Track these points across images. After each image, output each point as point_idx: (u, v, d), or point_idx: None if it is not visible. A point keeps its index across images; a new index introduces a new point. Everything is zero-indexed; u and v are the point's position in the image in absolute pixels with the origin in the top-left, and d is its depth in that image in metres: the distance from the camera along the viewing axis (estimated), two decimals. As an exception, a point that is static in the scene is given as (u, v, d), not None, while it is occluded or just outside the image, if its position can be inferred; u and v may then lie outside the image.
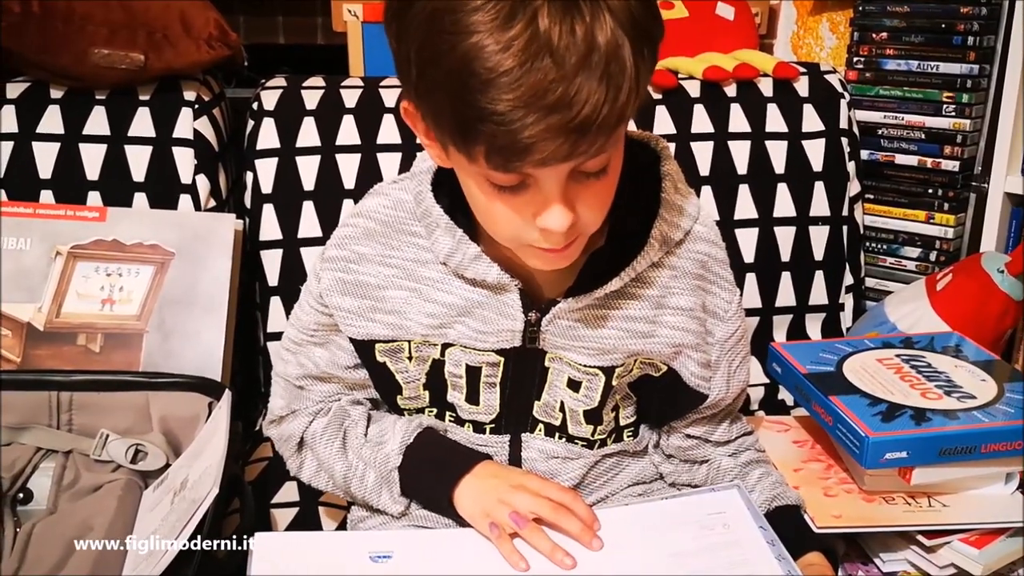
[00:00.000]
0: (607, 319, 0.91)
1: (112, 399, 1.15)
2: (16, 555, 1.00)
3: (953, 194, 1.62)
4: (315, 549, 0.93)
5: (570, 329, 0.91)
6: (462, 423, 0.98)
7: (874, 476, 1.02)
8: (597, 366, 0.93)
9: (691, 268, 0.93)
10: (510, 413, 0.97)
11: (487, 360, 0.93)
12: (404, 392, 0.98)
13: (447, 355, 0.94)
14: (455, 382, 0.96)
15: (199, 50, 1.37)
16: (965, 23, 1.56)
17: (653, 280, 0.92)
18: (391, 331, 0.94)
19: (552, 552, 0.87)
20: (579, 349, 0.92)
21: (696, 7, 1.68)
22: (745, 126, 1.51)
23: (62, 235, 1.29)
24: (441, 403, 0.98)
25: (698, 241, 0.93)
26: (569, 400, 0.95)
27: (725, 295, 0.96)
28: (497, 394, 0.96)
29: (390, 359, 0.96)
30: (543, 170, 0.73)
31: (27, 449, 1.12)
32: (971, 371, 1.13)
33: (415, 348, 0.94)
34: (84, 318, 1.28)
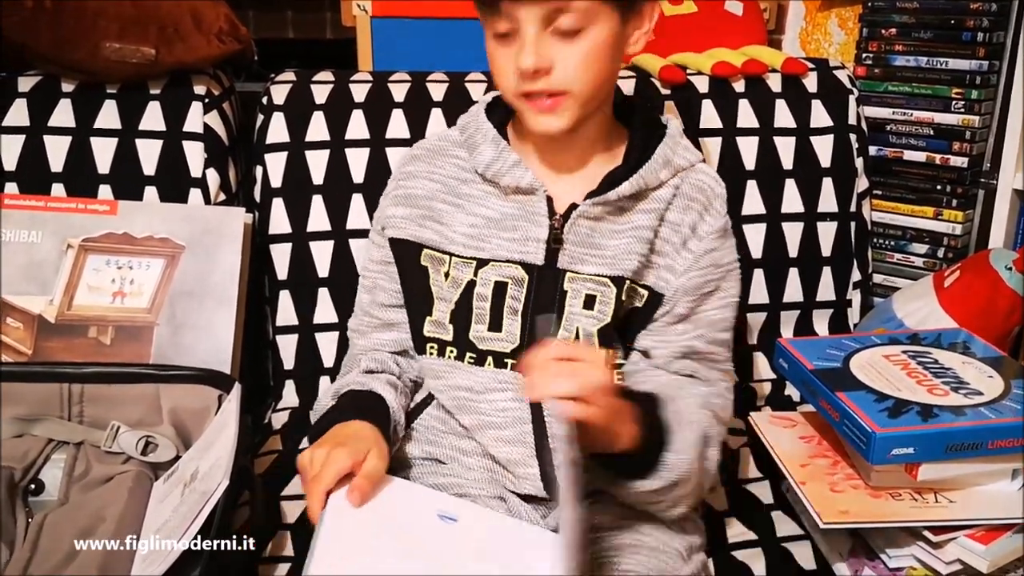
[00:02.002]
0: (618, 229, 1.03)
1: (123, 391, 1.16)
2: (28, 545, 1.00)
3: (961, 190, 1.62)
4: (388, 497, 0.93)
5: (587, 236, 1.02)
6: (483, 360, 1.04)
7: (881, 472, 1.02)
8: (609, 275, 1.02)
9: (691, 192, 1.06)
10: (531, 345, 0.95)
11: (514, 275, 1.03)
12: (433, 313, 1.06)
13: (480, 275, 1.03)
14: (480, 309, 1.03)
15: (210, 45, 1.38)
16: (974, 19, 1.56)
17: (660, 196, 1.04)
18: (438, 237, 1.06)
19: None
20: (594, 259, 1.02)
21: (705, 3, 1.69)
22: (753, 122, 1.51)
23: (73, 228, 1.30)
24: (463, 341, 1.05)
25: (701, 173, 1.08)
26: (584, 321, 1.02)
27: (712, 220, 1.06)
28: (518, 322, 1.03)
29: (431, 266, 1.07)
30: (521, 13, 0.92)
31: (39, 440, 1.13)
32: (978, 367, 1.13)
33: (454, 265, 1.05)
34: (95, 311, 1.28)
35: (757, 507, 1.18)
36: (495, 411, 1.03)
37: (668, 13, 1.66)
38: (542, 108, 0.97)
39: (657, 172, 1.04)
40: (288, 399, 1.43)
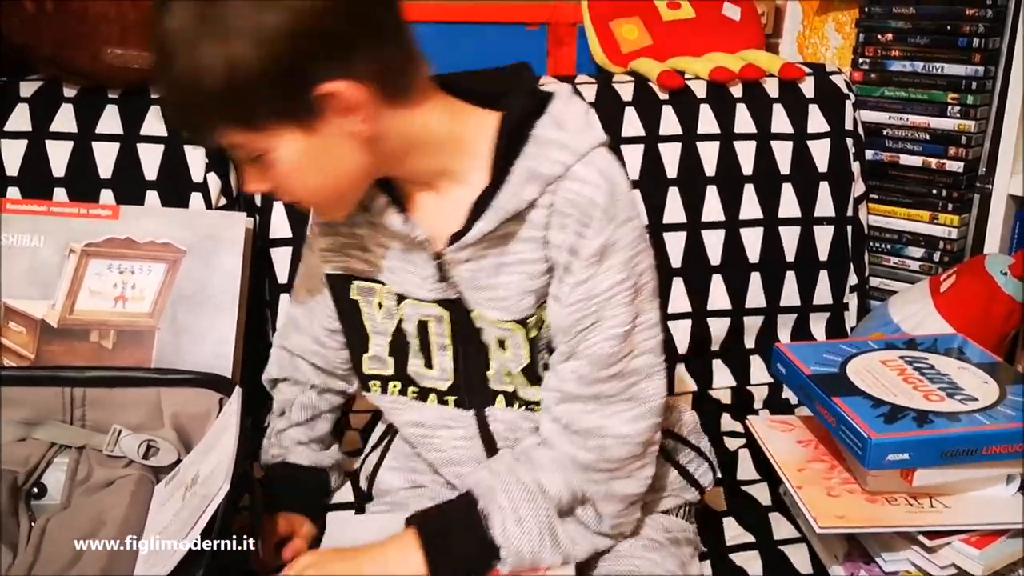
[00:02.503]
0: (504, 266, 0.92)
1: (124, 395, 1.16)
2: (31, 549, 1.01)
3: (957, 195, 1.62)
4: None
5: (473, 279, 0.93)
6: (425, 396, 1.00)
7: (876, 477, 1.03)
8: (509, 320, 0.93)
9: (565, 207, 0.88)
10: (468, 382, 0.98)
11: (432, 314, 0.96)
12: (370, 349, 1.01)
13: (401, 310, 0.97)
14: (413, 344, 0.98)
15: (211, 50, 1.38)
16: (970, 25, 1.57)
17: (536, 221, 0.90)
18: (365, 266, 0.99)
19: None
20: (489, 302, 0.94)
21: (702, 7, 1.69)
22: (751, 126, 1.52)
23: (75, 233, 1.30)
24: (403, 375, 1.01)
25: (575, 180, 0.88)
26: (508, 363, 0.96)
27: (590, 239, 0.88)
28: (450, 357, 0.98)
29: (363, 299, 1.00)
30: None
31: (41, 444, 1.13)
32: (974, 373, 1.14)
33: (385, 296, 0.98)
34: (97, 315, 1.29)
35: (755, 509, 1.19)
36: (450, 447, 1.01)
37: (666, 18, 1.67)
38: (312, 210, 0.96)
39: (519, 193, 0.88)
40: (288, 402, 1.43)
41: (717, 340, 1.52)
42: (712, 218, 1.50)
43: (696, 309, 1.50)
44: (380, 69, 0.83)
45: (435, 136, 0.90)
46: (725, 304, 1.51)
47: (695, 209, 1.49)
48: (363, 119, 0.84)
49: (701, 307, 1.50)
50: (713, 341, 1.52)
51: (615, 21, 1.65)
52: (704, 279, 1.50)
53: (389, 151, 0.88)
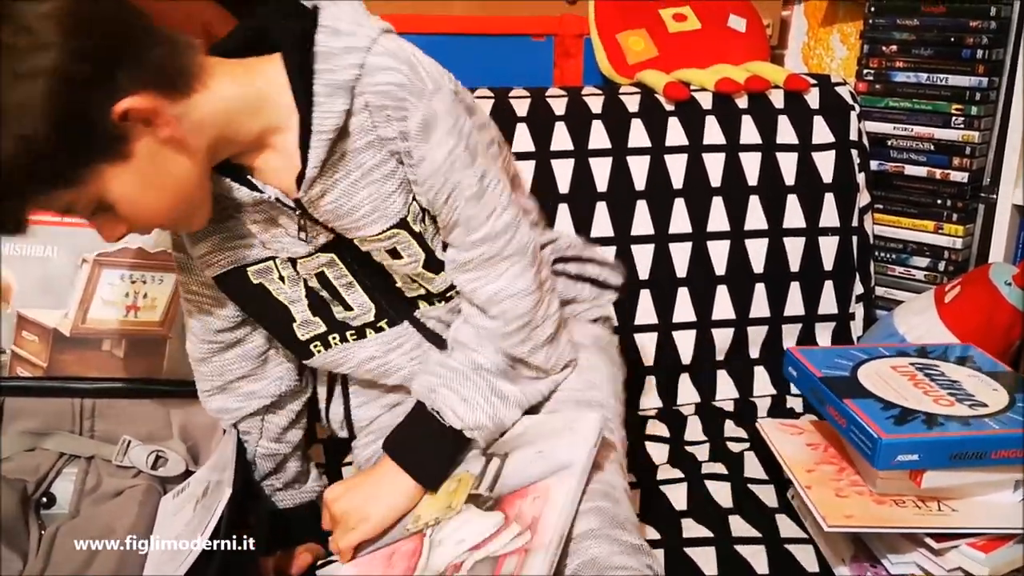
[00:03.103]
0: (357, 182, 0.93)
1: (133, 406, 1.18)
2: (41, 557, 1.02)
3: (962, 205, 1.63)
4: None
5: (337, 209, 0.93)
6: (363, 333, 1.04)
7: (885, 479, 1.03)
8: (388, 228, 0.95)
9: (377, 101, 0.89)
10: (390, 306, 1.03)
11: (321, 262, 0.99)
12: (296, 317, 1.03)
13: (299, 270, 1.00)
14: (325, 296, 1.02)
15: (222, 62, 1.39)
16: (974, 37, 1.58)
17: (361, 125, 0.90)
18: (250, 251, 0.99)
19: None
20: (361, 223, 0.94)
21: (708, 19, 1.70)
22: (756, 137, 1.53)
23: (88, 243, 1.31)
24: (335, 324, 1.04)
25: (375, 72, 0.88)
26: (406, 268, 0.99)
27: (415, 115, 0.89)
28: (359, 291, 1.02)
29: (265, 279, 1.01)
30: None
31: (50, 454, 1.15)
32: (983, 380, 1.15)
33: (281, 265, 1.00)
34: (109, 324, 1.30)
35: (761, 508, 1.19)
36: (407, 363, 1.06)
37: (672, 30, 1.68)
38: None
39: (331, 110, 0.88)
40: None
41: (721, 350, 1.53)
42: (717, 228, 1.51)
43: (701, 319, 1.51)
44: (155, 71, 0.82)
45: (236, 104, 0.88)
46: (730, 314, 1.51)
47: (700, 220, 1.50)
48: (165, 123, 0.82)
49: (706, 317, 1.51)
50: (717, 351, 1.53)
51: (621, 33, 1.66)
52: (709, 289, 1.51)
53: (207, 140, 0.87)
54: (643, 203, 1.48)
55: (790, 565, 1.08)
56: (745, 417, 1.45)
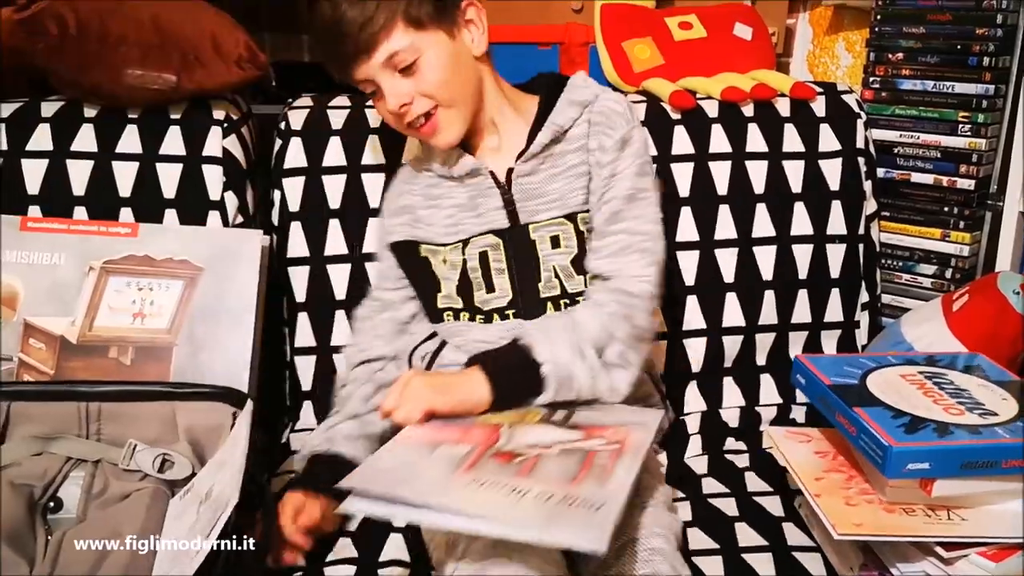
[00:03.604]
0: (555, 175, 1.20)
1: (139, 409, 1.17)
2: (48, 562, 1.02)
3: (969, 212, 1.63)
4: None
5: (533, 190, 1.20)
6: (490, 318, 1.21)
7: (895, 487, 1.03)
8: (562, 215, 1.19)
9: (599, 119, 1.20)
10: (523, 298, 1.20)
11: (489, 243, 1.21)
12: (442, 289, 1.23)
13: (467, 252, 1.21)
14: (476, 278, 1.21)
15: (229, 71, 1.40)
16: (981, 44, 1.58)
17: (578, 135, 1.20)
18: (429, 234, 1.24)
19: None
20: (544, 207, 1.20)
21: (714, 27, 1.71)
22: (762, 146, 1.53)
23: (95, 250, 1.32)
24: (471, 306, 1.22)
25: (604, 101, 1.22)
26: (558, 259, 1.19)
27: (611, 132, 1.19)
28: (506, 278, 1.20)
29: (431, 256, 1.24)
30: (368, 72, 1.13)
31: (57, 458, 1.14)
32: (993, 390, 1.14)
33: (448, 252, 1.22)
34: (116, 331, 1.30)
35: (768, 518, 1.20)
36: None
37: (678, 38, 1.68)
38: (426, 132, 1.17)
39: (565, 112, 1.20)
40: (306, 419, 1.45)
41: (729, 357, 1.53)
42: (725, 236, 1.51)
43: (710, 327, 1.51)
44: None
45: (495, 95, 1.23)
46: (738, 322, 1.51)
47: (708, 228, 1.50)
48: (481, 34, 1.18)
49: (715, 325, 1.51)
50: (726, 358, 1.52)
51: (627, 41, 1.66)
52: (717, 297, 1.51)
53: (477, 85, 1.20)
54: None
55: (798, 574, 1.08)
56: (751, 429, 1.46)
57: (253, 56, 1.43)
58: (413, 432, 1.02)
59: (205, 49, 1.40)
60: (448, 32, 1.15)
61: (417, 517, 0.90)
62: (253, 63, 1.43)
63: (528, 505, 0.87)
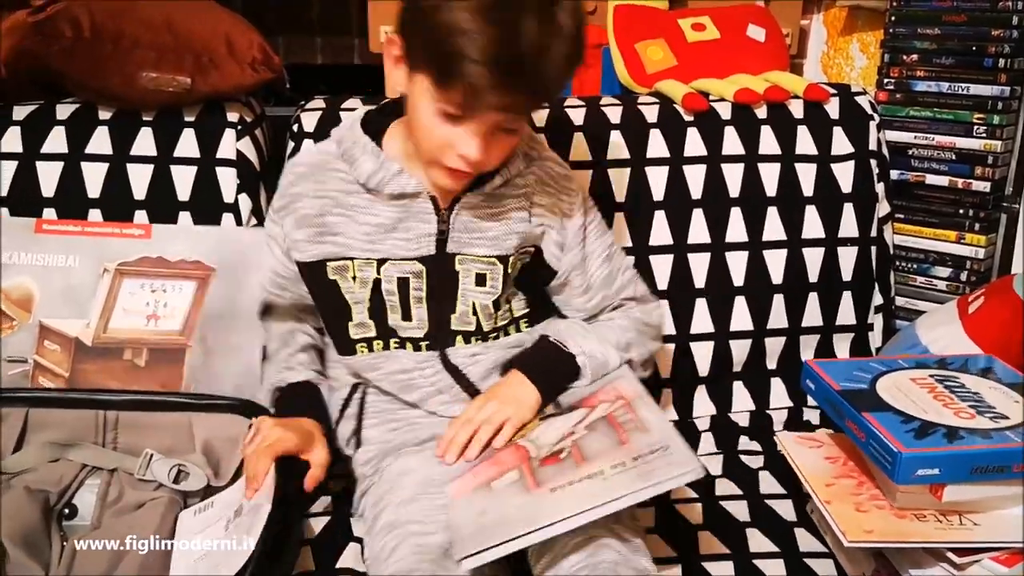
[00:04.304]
0: (497, 215, 1.17)
1: (156, 419, 1.18)
2: (63, 568, 1.02)
3: (984, 214, 1.62)
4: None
5: (471, 223, 1.16)
6: (404, 345, 1.18)
7: (906, 493, 1.03)
8: (495, 255, 1.17)
9: (545, 178, 1.21)
10: (437, 329, 1.18)
11: (412, 270, 1.16)
12: (353, 317, 1.18)
13: (382, 272, 1.16)
14: (391, 301, 1.17)
15: (243, 73, 1.40)
16: (996, 45, 1.57)
17: (523, 185, 1.19)
18: (337, 248, 1.16)
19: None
20: (479, 242, 1.17)
21: (727, 29, 1.70)
22: (775, 148, 1.53)
23: (109, 252, 1.33)
24: (384, 329, 1.18)
25: (548, 161, 1.22)
26: (479, 296, 1.18)
27: (568, 199, 1.22)
28: (424, 309, 1.17)
29: (339, 277, 1.17)
30: (481, 116, 1.02)
31: (73, 465, 1.15)
32: (1004, 392, 1.14)
33: (358, 267, 1.16)
34: (130, 333, 1.31)
35: (779, 523, 1.19)
36: (427, 384, 1.19)
37: (691, 40, 1.68)
38: (457, 178, 1.10)
39: (517, 164, 1.17)
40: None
41: (739, 362, 1.52)
42: (736, 239, 1.50)
43: (719, 330, 1.50)
44: None
45: None
46: (748, 325, 1.51)
47: (719, 230, 1.50)
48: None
49: (724, 328, 1.50)
50: (735, 363, 1.52)
51: (640, 42, 1.66)
52: (727, 300, 1.50)
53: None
54: (661, 214, 1.48)
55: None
56: (762, 432, 1.45)
57: (267, 58, 1.43)
58: (457, 487, 1.05)
59: (219, 52, 1.40)
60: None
61: (538, 537, 0.94)
62: (267, 65, 1.43)
63: (614, 479, 0.96)
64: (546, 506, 0.95)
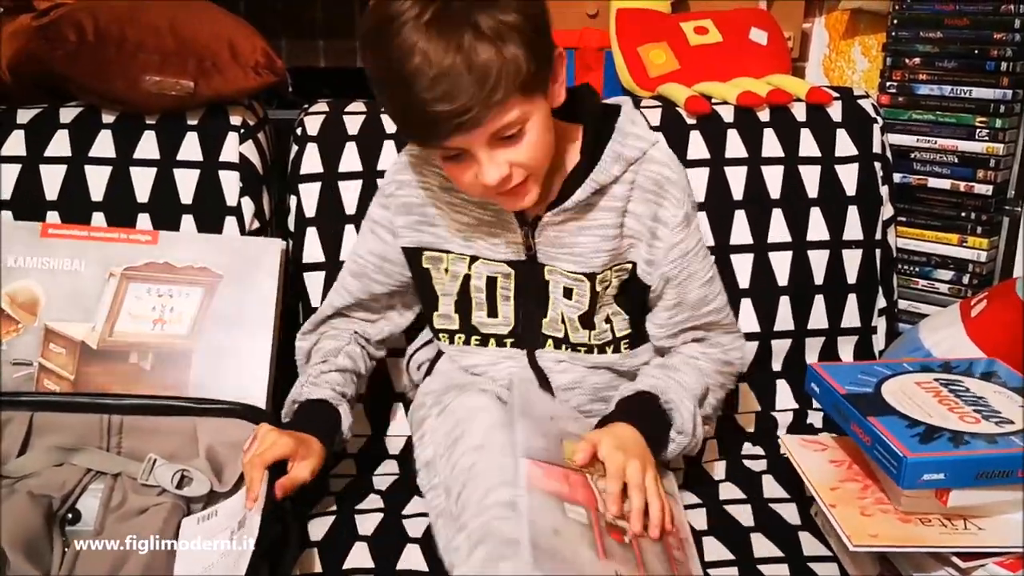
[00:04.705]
0: (584, 228, 1.14)
1: (161, 423, 1.18)
2: (65, 574, 1.02)
3: (986, 218, 1.63)
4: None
5: (557, 239, 1.14)
6: (486, 342, 1.21)
7: (911, 497, 1.03)
8: (581, 272, 1.15)
9: (646, 184, 1.13)
10: (524, 329, 1.19)
11: (501, 271, 1.17)
12: (439, 308, 1.21)
13: (473, 269, 1.18)
14: (478, 298, 1.19)
15: (246, 77, 1.41)
16: (998, 49, 1.58)
17: (618, 194, 1.13)
18: (433, 239, 1.19)
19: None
20: (566, 257, 1.15)
21: (730, 32, 1.70)
22: (778, 151, 1.53)
23: (115, 257, 1.33)
24: (468, 326, 1.21)
25: (653, 163, 1.14)
26: (566, 309, 1.17)
27: (673, 208, 1.13)
28: (512, 307, 1.18)
29: (433, 267, 1.20)
30: (464, 143, 1.00)
31: (77, 470, 1.15)
32: (1009, 397, 1.14)
33: (451, 261, 1.19)
34: (136, 337, 1.31)
35: (783, 527, 1.19)
36: (505, 374, 1.19)
37: (693, 43, 1.68)
38: (513, 196, 1.07)
39: (608, 170, 1.11)
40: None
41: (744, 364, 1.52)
42: (740, 242, 1.51)
43: (724, 332, 1.50)
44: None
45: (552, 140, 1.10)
46: (753, 327, 1.51)
47: (723, 234, 1.50)
48: (561, 84, 1.08)
49: (730, 330, 1.50)
50: (741, 364, 1.52)
51: (643, 46, 1.66)
52: (732, 303, 1.48)
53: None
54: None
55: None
56: (765, 435, 1.45)
57: (270, 62, 1.44)
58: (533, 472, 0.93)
59: (222, 55, 1.41)
60: (544, 94, 1.05)
61: None
62: (270, 69, 1.44)
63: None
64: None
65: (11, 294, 1.31)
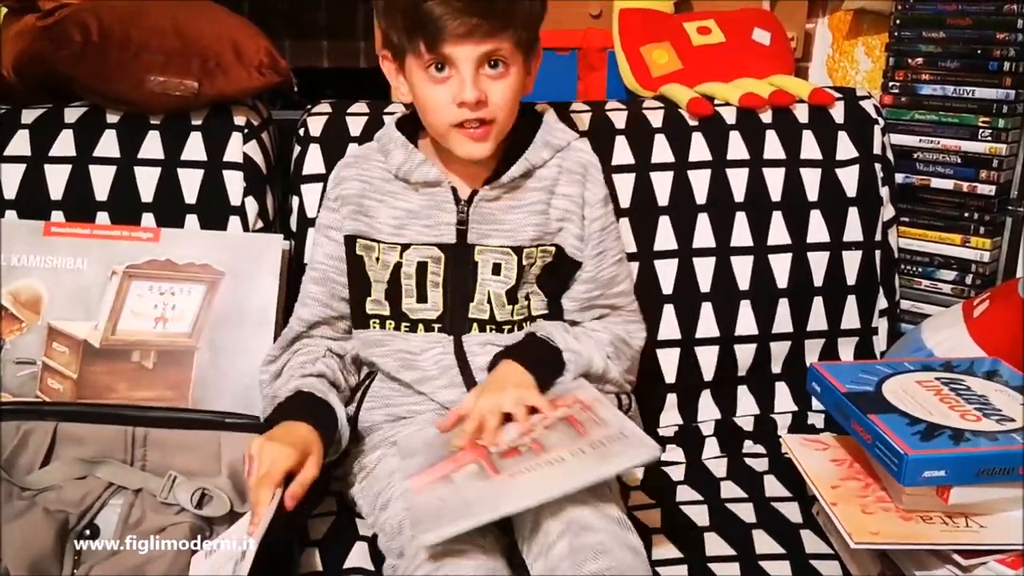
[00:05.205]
0: (514, 207, 1.23)
1: (185, 438, 1.15)
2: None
3: (989, 218, 1.63)
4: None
5: (489, 215, 1.22)
6: (415, 328, 1.24)
7: (912, 495, 1.03)
8: (510, 246, 1.22)
9: (574, 167, 1.26)
10: (452, 315, 1.23)
11: (432, 255, 1.23)
12: (372, 294, 1.25)
13: (404, 256, 1.23)
14: (407, 285, 1.23)
15: (250, 77, 1.41)
16: (1001, 49, 1.57)
17: (545, 176, 1.25)
18: (367, 228, 1.25)
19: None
20: (496, 233, 1.23)
21: (732, 32, 1.70)
22: (780, 153, 1.53)
23: (118, 255, 1.34)
24: (397, 312, 1.24)
25: (577, 151, 1.27)
26: (493, 285, 1.23)
27: (595, 188, 1.26)
28: (440, 293, 1.23)
29: (366, 254, 1.25)
30: (461, 54, 1.10)
31: (99, 484, 1.12)
32: (1010, 395, 1.14)
33: (383, 251, 1.24)
34: (138, 335, 1.32)
35: (785, 525, 1.19)
36: (430, 365, 1.22)
37: (696, 43, 1.68)
38: (473, 136, 1.16)
39: (539, 152, 1.24)
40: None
41: (744, 366, 1.52)
42: (741, 244, 1.50)
43: (723, 335, 1.50)
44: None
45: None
46: (752, 330, 1.51)
47: (724, 235, 1.50)
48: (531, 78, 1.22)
49: (728, 333, 1.50)
50: (740, 367, 1.52)
51: (645, 46, 1.66)
52: (732, 305, 1.50)
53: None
54: (666, 218, 1.48)
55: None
56: (766, 436, 1.45)
57: (274, 62, 1.44)
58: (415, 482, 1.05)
59: (227, 56, 1.41)
60: (525, 59, 1.18)
61: (497, 514, 0.96)
62: (274, 69, 1.44)
63: (573, 462, 0.99)
64: (510, 491, 0.97)
65: (14, 293, 1.32)
